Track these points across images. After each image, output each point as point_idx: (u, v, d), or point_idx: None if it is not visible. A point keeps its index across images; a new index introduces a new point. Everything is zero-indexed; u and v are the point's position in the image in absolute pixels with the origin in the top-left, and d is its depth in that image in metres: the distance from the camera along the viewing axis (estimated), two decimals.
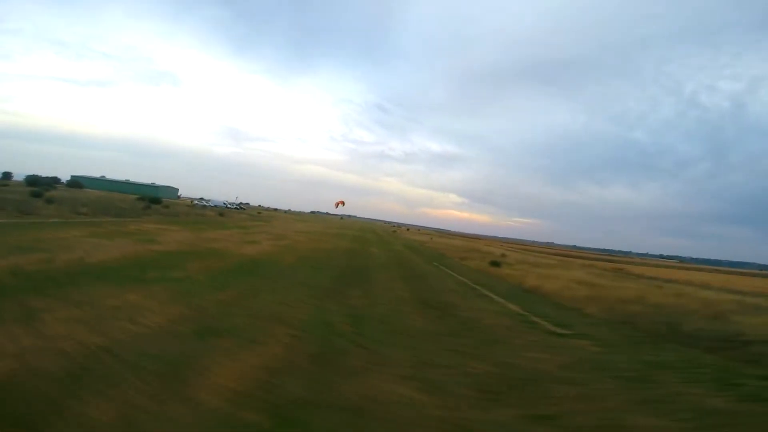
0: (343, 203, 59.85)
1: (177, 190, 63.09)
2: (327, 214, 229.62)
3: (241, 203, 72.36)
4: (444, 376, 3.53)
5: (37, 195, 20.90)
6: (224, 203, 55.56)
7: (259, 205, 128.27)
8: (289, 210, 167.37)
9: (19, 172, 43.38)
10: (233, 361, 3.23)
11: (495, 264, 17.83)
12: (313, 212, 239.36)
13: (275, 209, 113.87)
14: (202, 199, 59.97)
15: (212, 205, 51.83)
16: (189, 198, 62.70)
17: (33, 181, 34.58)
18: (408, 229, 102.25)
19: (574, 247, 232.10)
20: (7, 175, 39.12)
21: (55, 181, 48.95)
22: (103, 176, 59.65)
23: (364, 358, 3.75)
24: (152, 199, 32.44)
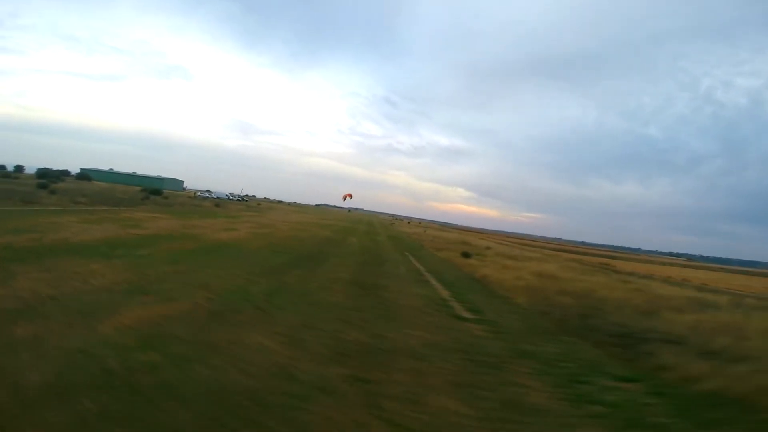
0: (350, 196, 60.35)
1: (182, 182, 65.37)
2: (334, 206, 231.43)
3: (244, 195, 74.23)
4: (314, 337, 4.31)
5: (42, 186, 22.49)
6: (227, 195, 57.31)
7: (265, 198, 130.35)
8: (295, 202, 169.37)
9: (32, 165, 45.61)
10: (142, 310, 4.35)
11: (466, 255, 18.74)
12: (319, 205, 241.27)
13: (279, 201, 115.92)
14: (209, 191, 61.77)
15: (215, 197, 53.52)
16: (194, 190, 64.69)
17: (43, 173, 36.49)
18: (409, 222, 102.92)
19: (583, 243, 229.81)
20: (19, 168, 41.38)
21: (64, 173, 51.06)
22: (111, 169, 62.24)
23: (255, 318, 4.79)
24: (153, 191, 34.02)
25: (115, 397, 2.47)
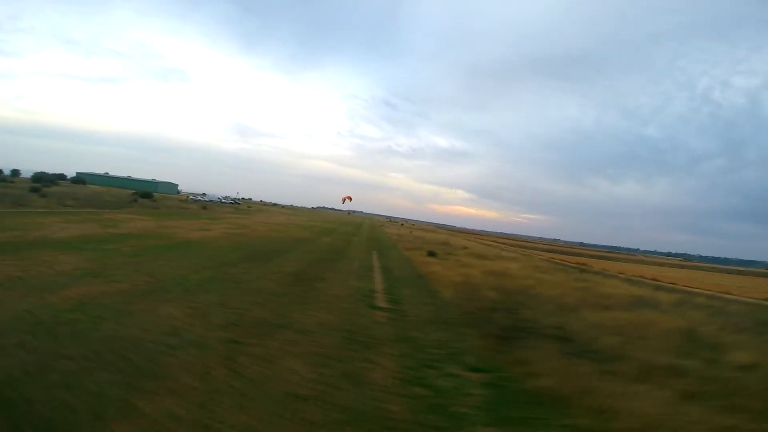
0: (350, 198, 59.94)
1: (176, 185, 66.81)
2: (332, 209, 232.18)
3: (237, 199, 75.53)
4: (220, 312, 5.37)
5: (34, 190, 23.75)
6: (219, 198, 58.64)
7: (261, 201, 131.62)
8: (291, 206, 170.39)
9: (32, 169, 46.90)
10: (87, 287, 5.61)
11: (431, 254, 19.99)
12: (317, 207, 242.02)
13: (275, 204, 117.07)
14: (204, 194, 62.97)
15: (207, 200, 54.77)
16: (188, 193, 66.01)
17: (38, 177, 37.70)
18: (402, 224, 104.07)
19: (581, 244, 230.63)
20: (16, 173, 42.71)
21: (60, 177, 52.26)
22: (107, 173, 63.71)
23: (179, 297, 5.97)
24: (143, 194, 35.24)
25: (35, 337, 3.72)
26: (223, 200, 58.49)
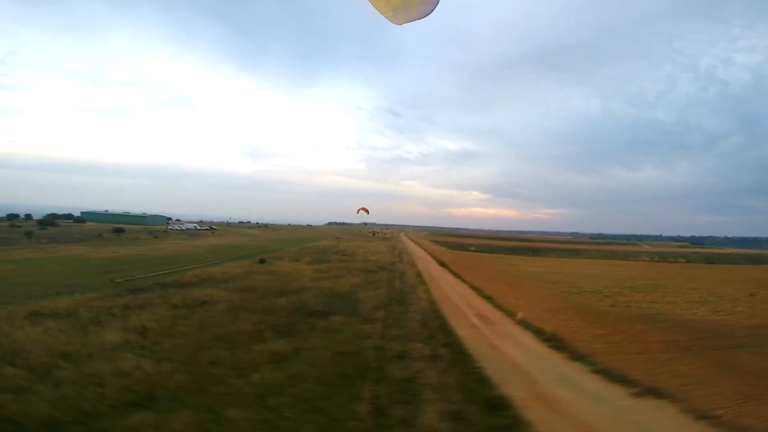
0: (366, 210, 58.92)
1: (165, 217, 79.11)
2: (342, 223, 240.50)
3: (233, 221, 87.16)
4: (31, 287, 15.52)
5: (28, 233, 35.03)
6: (195, 227, 70.07)
7: (257, 223, 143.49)
8: (289, 224, 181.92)
9: (52, 205, 59.77)
10: None
11: (261, 261, 29.29)
12: (330, 223, 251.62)
13: (264, 225, 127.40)
14: (193, 223, 74.68)
15: (183, 228, 66.18)
16: (177, 222, 78.09)
17: (43, 221, 49.78)
18: (374, 233, 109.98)
19: (599, 235, 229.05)
20: (29, 217, 55.26)
21: (68, 216, 65.17)
22: (107, 210, 77.04)
23: (31, 282, 15.89)
24: (116, 229, 46.57)
25: None
26: (199, 228, 69.83)
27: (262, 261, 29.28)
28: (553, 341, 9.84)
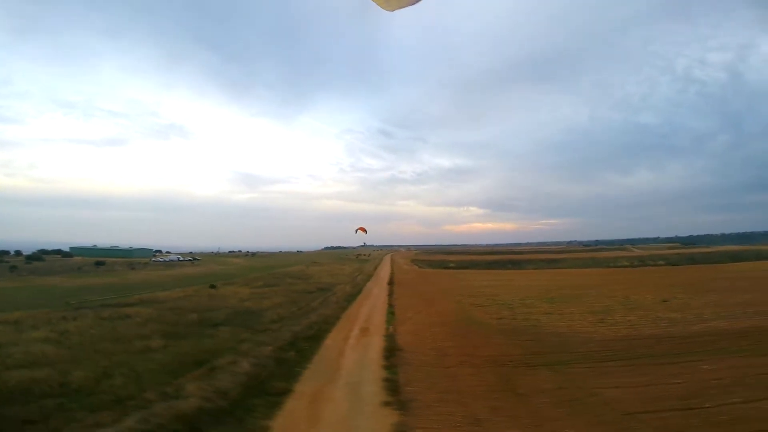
0: (364, 230, 59.77)
1: (151, 250, 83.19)
2: (338, 247, 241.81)
3: (221, 251, 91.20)
4: None
5: (13, 267, 38.92)
6: (178, 258, 73.83)
7: (246, 252, 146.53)
8: (280, 251, 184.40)
9: (47, 240, 63.61)
10: None
11: (212, 286, 33.01)
12: (328, 248, 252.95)
13: (252, 254, 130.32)
14: (181, 255, 78.36)
15: (168, 260, 69.89)
16: (163, 254, 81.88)
17: (30, 256, 53.69)
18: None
19: (596, 242, 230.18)
20: (18, 252, 59.12)
21: (57, 252, 68.98)
22: (95, 245, 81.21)
23: None
24: (97, 262, 50.43)
25: None
26: (182, 259, 73.53)
27: (212, 286, 32.94)
28: (393, 352, 10.91)
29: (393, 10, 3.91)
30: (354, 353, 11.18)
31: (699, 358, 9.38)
